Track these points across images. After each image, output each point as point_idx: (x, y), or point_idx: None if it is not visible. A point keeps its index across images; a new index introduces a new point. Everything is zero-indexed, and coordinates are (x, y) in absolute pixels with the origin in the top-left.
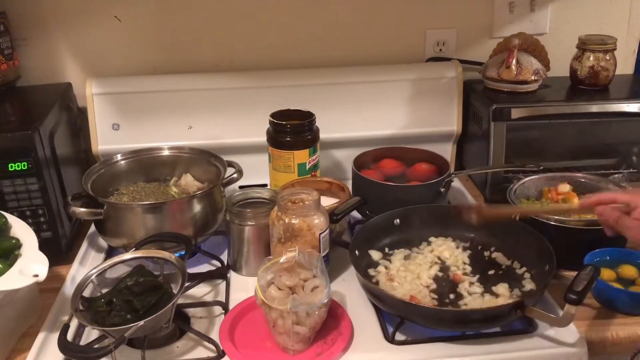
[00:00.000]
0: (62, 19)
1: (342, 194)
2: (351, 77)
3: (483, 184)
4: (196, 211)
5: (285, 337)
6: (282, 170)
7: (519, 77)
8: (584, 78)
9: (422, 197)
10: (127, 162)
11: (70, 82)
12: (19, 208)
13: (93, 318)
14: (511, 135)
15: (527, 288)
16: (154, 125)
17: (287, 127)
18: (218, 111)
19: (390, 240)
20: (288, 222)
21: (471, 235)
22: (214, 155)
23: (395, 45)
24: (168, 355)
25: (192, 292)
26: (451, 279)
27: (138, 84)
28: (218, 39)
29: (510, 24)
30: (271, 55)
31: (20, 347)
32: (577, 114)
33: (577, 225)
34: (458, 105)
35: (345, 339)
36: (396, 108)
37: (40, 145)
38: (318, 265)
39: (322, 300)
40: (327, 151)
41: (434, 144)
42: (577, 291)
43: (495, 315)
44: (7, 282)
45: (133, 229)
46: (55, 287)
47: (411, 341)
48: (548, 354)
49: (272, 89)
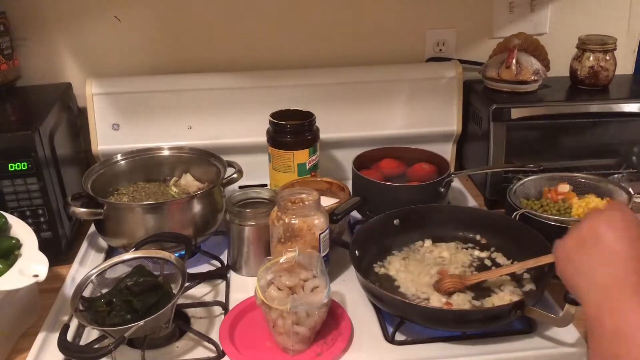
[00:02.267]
0: (62, 19)
1: (342, 194)
2: (351, 77)
3: (483, 184)
4: (196, 211)
5: (285, 337)
6: (282, 170)
7: (519, 77)
8: (584, 78)
9: (422, 197)
10: (127, 162)
11: (70, 82)
12: (19, 208)
13: (93, 318)
14: (511, 135)
15: (527, 288)
16: (154, 125)
17: (287, 127)
18: (218, 111)
19: (390, 240)
20: (288, 222)
21: (471, 236)
22: (214, 155)
23: (395, 45)
24: (168, 355)
25: (192, 292)
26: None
27: (138, 84)
28: (218, 39)
29: (510, 24)
30: (271, 55)
31: (20, 347)
32: (577, 114)
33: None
34: (458, 105)
35: (345, 339)
36: (396, 108)
37: (40, 145)
38: (318, 265)
39: (322, 301)
40: (327, 151)
41: (434, 144)
42: None
43: (495, 315)
44: (7, 282)
45: (133, 229)
46: (55, 287)
47: (411, 341)
48: (548, 354)
49: (272, 89)
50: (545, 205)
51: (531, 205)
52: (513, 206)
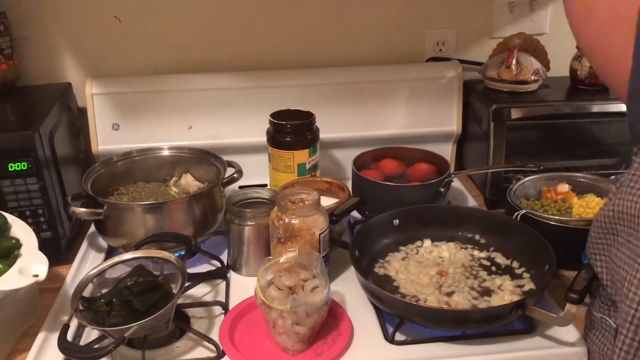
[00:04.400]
0: (62, 19)
1: (342, 194)
2: (351, 77)
3: (483, 184)
4: (196, 211)
5: (285, 337)
6: (282, 170)
7: (519, 77)
8: (584, 78)
9: (422, 197)
10: (127, 162)
11: (70, 82)
12: (19, 208)
13: (93, 318)
14: (511, 135)
15: (527, 288)
16: (154, 125)
17: (287, 127)
18: (218, 111)
19: (389, 240)
20: (288, 222)
21: (470, 236)
22: (214, 155)
23: (395, 45)
24: (168, 355)
25: (192, 292)
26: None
27: (138, 84)
28: (218, 39)
29: (510, 24)
30: (271, 55)
31: (20, 347)
32: (577, 114)
33: (577, 225)
34: (458, 105)
35: (345, 339)
36: (396, 108)
37: (40, 145)
38: (318, 265)
39: (322, 301)
40: (327, 151)
41: (434, 144)
42: (578, 290)
43: (495, 315)
44: (7, 282)
45: (133, 229)
46: (55, 287)
47: (411, 341)
48: (548, 354)
49: (272, 89)
50: (546, 205)
51: (531, 206)
52: (513, 206)
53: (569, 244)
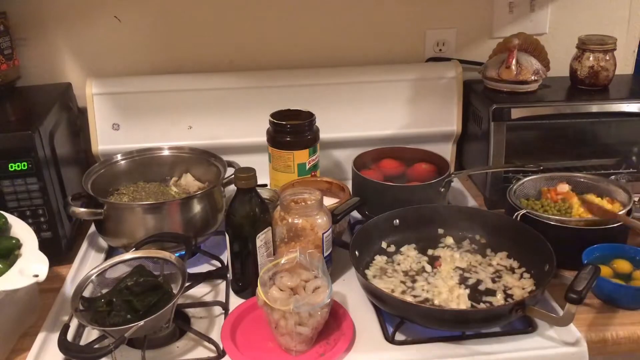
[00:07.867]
0: (62, 19)
1: (342, 194)
2: (351, 77)
3: (483, 184)
4: (196, 211)
5: (287, 337)
6: (282, 170)
7: (519, 77)
8: (584, 78)
9: (422, 197)
10: (127, 162)
11: (70, 82)
12: (19, 208)
13: (93, 318)
14: (511, 135)
15: (527, 288)
16: (154, 125)
17: (287, 127)
18: (218, 111)
19: (389, 240)
20: (291, 222)
21: (471, 236)
22: (214, 155)
23: (395, 45)
24: (168, 355)
25: (192, 292)
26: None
27: (138, 84)
28: (218, 39)
29: (510, 24)
30: (271, 55)
31: (20, 347)
32: (577, 114)
33: (577, 225)
34: (458, 105)
35: (347, 339)
36: (396, 108)
37: (40, 145)
38: (319, 265)
39: (325, 301)
40: (327, 151)
41: (434, 144)
42: (578, 290)
43: (495, 315)
44: (7, 282)
45: (133, 229)
46: (55, 287)
47: (411, 341)
48: (548, 354)
49: (272, 89)
50: (546, 206)
51: (532, 206)
52: (513, 206)
53: (569, 244)
